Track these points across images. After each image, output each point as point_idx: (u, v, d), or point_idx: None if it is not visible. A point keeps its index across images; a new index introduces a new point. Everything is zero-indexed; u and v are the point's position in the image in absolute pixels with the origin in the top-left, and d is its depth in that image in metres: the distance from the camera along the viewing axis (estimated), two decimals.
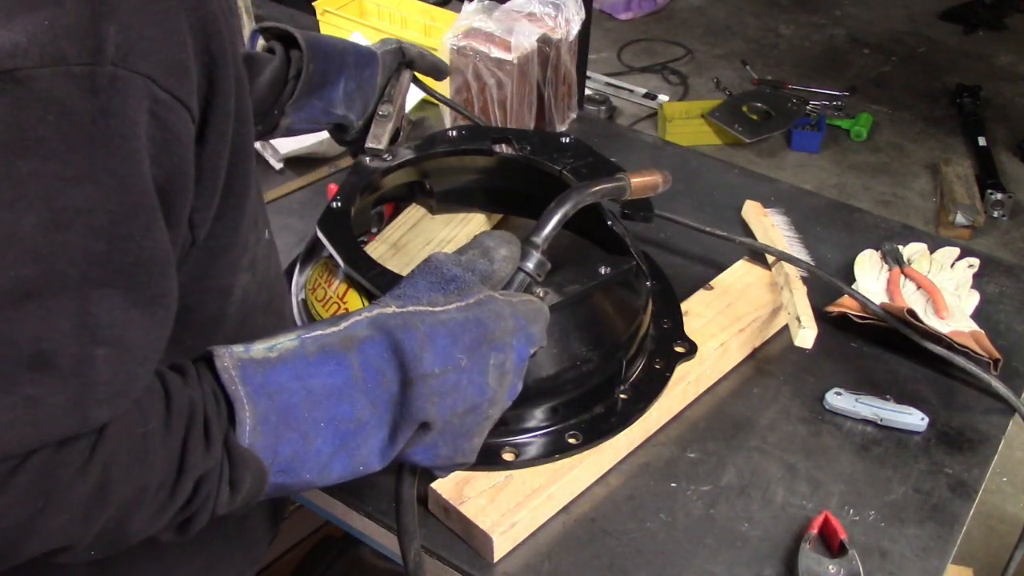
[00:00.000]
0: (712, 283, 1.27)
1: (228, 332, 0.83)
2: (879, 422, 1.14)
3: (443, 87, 1.50)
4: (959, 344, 1.19)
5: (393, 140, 1.26)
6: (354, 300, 1.07)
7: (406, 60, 1.29)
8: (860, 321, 1.24)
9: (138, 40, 0.61)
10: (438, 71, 1.34)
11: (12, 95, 0.57)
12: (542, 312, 0.83)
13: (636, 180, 1.03)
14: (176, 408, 0.66)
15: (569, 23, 1.58)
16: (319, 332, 0.73)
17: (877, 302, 1.25)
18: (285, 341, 0.72)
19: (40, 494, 0.58)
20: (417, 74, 1.33)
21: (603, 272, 1.05)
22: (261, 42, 1.20)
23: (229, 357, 0.70)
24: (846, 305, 1.27)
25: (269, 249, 0.91)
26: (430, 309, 0.76)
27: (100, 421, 0.61)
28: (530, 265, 0.86)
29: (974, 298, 1.32)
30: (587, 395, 1.08)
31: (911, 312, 1.19)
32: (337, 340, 0.73)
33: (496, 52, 1.50)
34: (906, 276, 1.33)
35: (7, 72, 0.57)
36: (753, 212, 1.44)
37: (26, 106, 0.57)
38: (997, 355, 1.20)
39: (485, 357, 0.77)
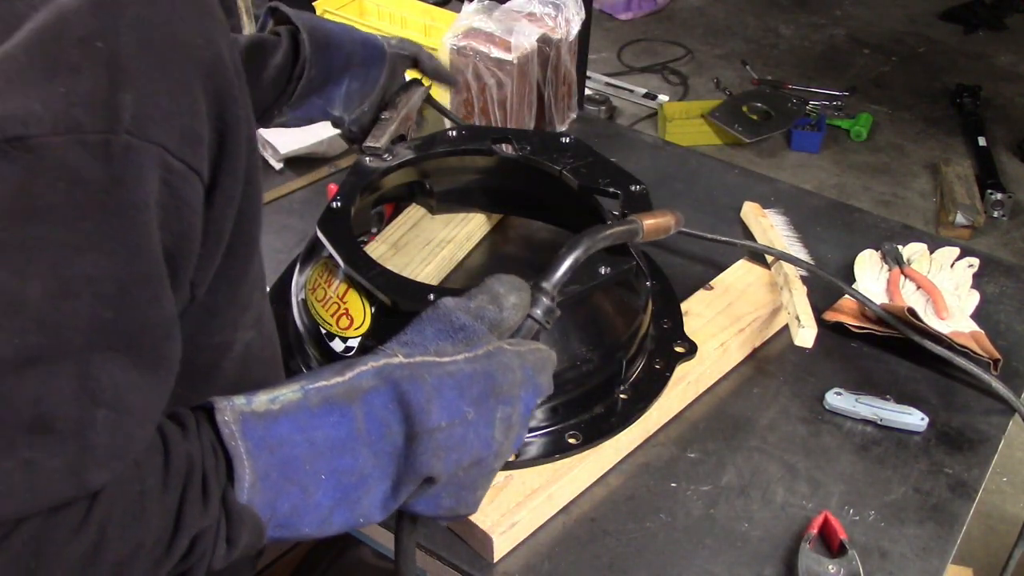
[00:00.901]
0: (712, 283, 1.27)
1: (224, 384, 0.81)
2: (879, 422, 1.14)
3: (443, 90, 1.50)
4: (959, 344, 1.19)
5: (397, 141, 1.26)
6: (354, 300, 1.07)
7: (420, 70, 1.28)
8: (857, 331, 1.24)
9: (153, 109, 0.60)
10: (450, 82, 1.34)
11: (23, 162, 0.56)
12: (550, 360, 0.82)
13: (649, 222, 1.01)
14: (174, 465, 0.65)
15: (569, 23, 1.58)
16: (323, 383, 0.72)
17: (877, 302, 1.25)
18: (288, 392, 0.71)
19: (33, 557, 0.57)
20: (429, 86, 1.32)
21: (603, 272, 1.05)
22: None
23: (230, 411, 0.69)
24: (843, 312, 1.27)
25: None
26: (438, 360, 0.76)
27: (97, 484, 0.60)
28: (539, 312, 0.84)
29: (974, 298, 1.32)
30: (587, 395, 1.08)
31: (911, 311, 1.19)
32: (341, 391, 0.72)
33: (496, 52, 1.49)
34: (906, 276, 1.33)
35: (20, 139, 0.56)
36: (752, 213, 1.44)
37: (37, 173, 0.56)
38: (997, 355, 1.20)
39: (492, 410, 0.77)
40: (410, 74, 1.32)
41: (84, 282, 0.58)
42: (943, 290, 1.30)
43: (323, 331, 1.08)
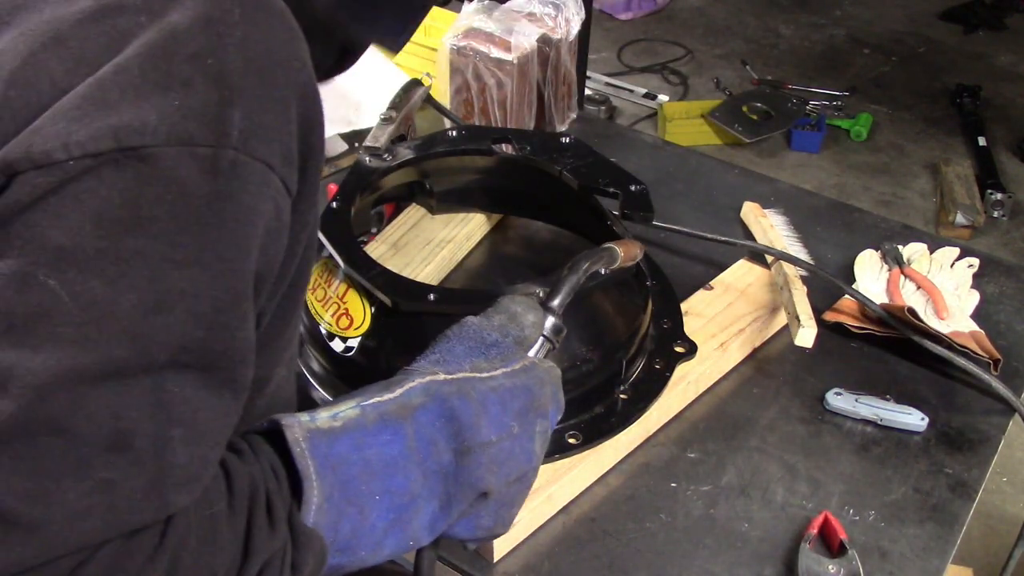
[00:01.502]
0: (712, 283, 1.27)
1: (251, 422, 0.80)
2: (879, 422, 1.14)
3: (443, 88, 1.50)
4: (959, 344, 1.19)
5: (397, 141, 1.26)
6: (354, 300, 1.07)
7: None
8: (857, 331, 1.24)
9: (259, 127, 0.60)
10: None
11: (134, 171, 0.56)
12: (560, 378, 0.83)
13: (623, 251, 1.02)
14: (238, 488, 0.63)
15: (569, 23, 1.58)
16: (376, 399, 0.72)
17: (877, 302, 1.25)
18: (346, 409, 0.70)
19: None
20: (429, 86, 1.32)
21: (603, 272, 1.05)
22: None
23: (299, 428, 0.67)
24: (843, 313, 1.27)
25: None
26: (479, 375, 0.76)
27: (178, 506, 0.58)
28: (550, 331, 0.86)
29: (974, 298, 1.32)
30: (587, 395, 1.08)
31: (911, 311, 1.19)
32: (394, 408, 0.71)
33: (496, 52, 1.49)
34: (906, 276, 1.33)
35: (133, 149, 0.56)
36: (752, 213, 1.44)
37: (146, 183, 0.56)
38: (997, 355, 1.20)
39: (532, 424, 0.77)
40: (410, 74, 1.32)
41: (179, 298, 0.57)
42: (943, 290, 1.30)
43: (323, 331, 1.08)
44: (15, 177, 0.56)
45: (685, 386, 1.14)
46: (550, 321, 0.86)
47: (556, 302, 0.87)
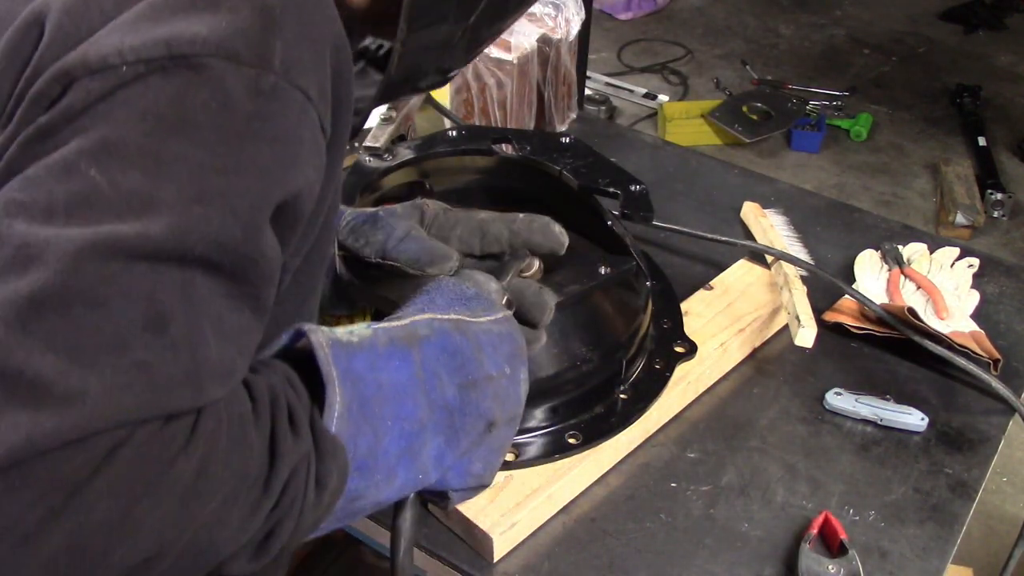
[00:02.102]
0: (712, 283, 1.27)
1: None
2: (879, 422, 1.14)
3: (443, 88, 1.50)
4: (959, 345, 1.19)
5: (397, 141, 1.26)
6: None
7: None
8: (857, 331, 1.24)
9: (298, 60, 0.62)
10: None
11: (183, 78, 0.58)
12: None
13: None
14: (258, 393, 0.63)
15: (569, 23, 1.58)
16: (387, 324, 0.73)
17: (877, 303, 1.25)
18: (361, 328, 0.71)
19: (141, 477, 0.54)
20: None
21: (603, 272, 1.05)
22: None
23: (322, 334, 0.68)
24: (843, 313, 1.27)
25: None
26: (471, 319, 0.77)
27: (214, 396, 0.58)
28: (507, 299, 0.87)
29: (974, 298, 1.32)
30: (587, 395, 1.08)
31: (911, 311, 1.19)
32: (403, 335, 0.72)
33: (496, 52, 1.50)
34: (906, 276, 1.33)
35: (184, 57, 0.58)
36: (752, 213, 1.44)
37: (194, 90, 0.58)
38: (997, 355, 1.20)
39: (519, 369, 0.79)
40: None
41: (218, 197, 0.58)
42: (943, 290, 1.30)
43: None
44: (72, 84, 0.58)
45: (685, 386, 1.14)
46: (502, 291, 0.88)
47: (505, 281, 0.89)
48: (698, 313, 1.22)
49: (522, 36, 1.51)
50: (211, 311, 0.59)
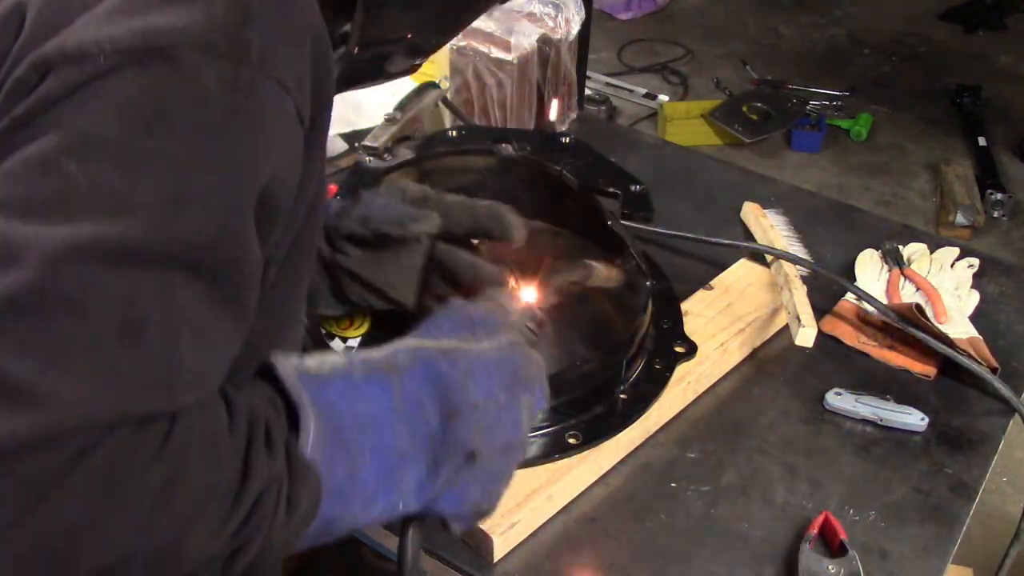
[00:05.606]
0: (712, 283, 1.27)
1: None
2: (879, 422, 1.14)
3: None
4: (958, 349, 1.19)
5: (400, 141, 1.26)
6: None
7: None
8: (858, 346, 1.24)
9: (275, 53, 0.62)
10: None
11: (160, 71, 0.58)
12: (544, 369, 0.83)
13: (604, 272, 1.04)
14: (237, 410, 0.63)
15: (569, 23, 1.58)
16: (365, 355, 0.72)
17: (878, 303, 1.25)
18: (334, 358, 0.71)
19: (110, 481, 0.54)
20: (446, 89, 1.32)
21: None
22: None
23: (289, 365, 0.68)
24: (842, 320, 1.26)
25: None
26: (465, 345, 0.76)
27: (185, 402, 0.58)
28: (530, 323, 0.87)
29: (974, 298, 1.32)
30: (587, 395, 1.08)
31: (918, 307, 1.19)
32: (383, 365, 0.71)
33: (496, 52, 1.50)
34: (906, 278, 1.33)
35: (160, 50, 0.58)
36: (752, 213, 1.44)
37: (170, 83, 0.58)
38: (995, 363, 1.20)
39: (518, 396, 0.77)
40: (425, 78, 1.31)
41: (196, 195, 0.58)
42: (943, 291, 1.30)
43: (323, 331, 1.08)
44: (48, 73, 0.58)
45: (685, 386, 1.14)
46: (534, 314, 0.87)
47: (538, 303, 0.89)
48: (698, 313, 1.22)
49: (522, 36, 1.51)
50: (189, 315, 0.59)
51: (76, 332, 0.54)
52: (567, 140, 1.25)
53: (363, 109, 1.49)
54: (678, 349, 1.16)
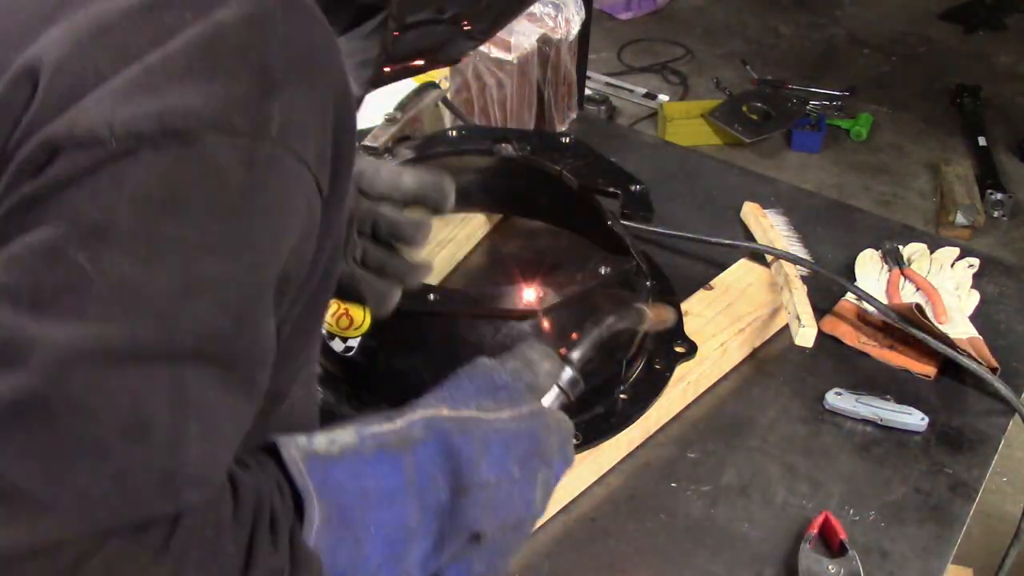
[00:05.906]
0: (712, 283, 1.27)
1: (261, 441, 0.77)
2: (879, 422, 1.14)
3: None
4: (958, 350, 1.19)
5: (400, 141, 1.26)
6: None
7: None
8: (858, 346, 1.24)
9: (298, 124, 0.60)
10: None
11: (175, 154, 0.56)
12: (572, 431, 0.82)
13: (654, 314, 1.02)
14: (243, 496, 0.61)
15: (569, 23, 1.58)
16: (376, 429, 0.70)
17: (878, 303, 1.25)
18: (344, 436, 0.69)
19: None
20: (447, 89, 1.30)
21: (603, 272, 1.05)
22: None
23: (296, 448, 0.66)
24: (842, 320, 1.26)
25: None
26: (483, 416, 0.74)
27: (188, 503, 0.56)
28: (565, 382, 0.85)
29: (974, 298, 1.32)
30: (587, 395, 1.07)
31: (918, 307, 1.19)
32: (395, 440, 0.70)
33: (496, 52, 1.50)
34: (906, 278, 1.33)
35: (176, 132, 0.56)
36: (752, 213, 1.44)
37: (185, 167, 0.56)
38: (995, 364, 1.20)
39: (535, 471, 0.76)
40: (426, 78, 1.31)
41: (209, 285, 0.57)
42: (943, 291, 1.30)
43: (323, 331, 1.08)
44: (57, 154, 0.56)
45: (685, 386, 1.14)
46: (567, 373, 0.84)
47: (576, 355, 0.86)
48: (698, 313, 1.22)
49: (522, 36, 1.51)
50: (200, 408, 0.57)
51: (81, 436, 0.53)
52: (567, 140, 1.25)
53: (363, 109, 1.49)
54: (678, 349, 1.16)
